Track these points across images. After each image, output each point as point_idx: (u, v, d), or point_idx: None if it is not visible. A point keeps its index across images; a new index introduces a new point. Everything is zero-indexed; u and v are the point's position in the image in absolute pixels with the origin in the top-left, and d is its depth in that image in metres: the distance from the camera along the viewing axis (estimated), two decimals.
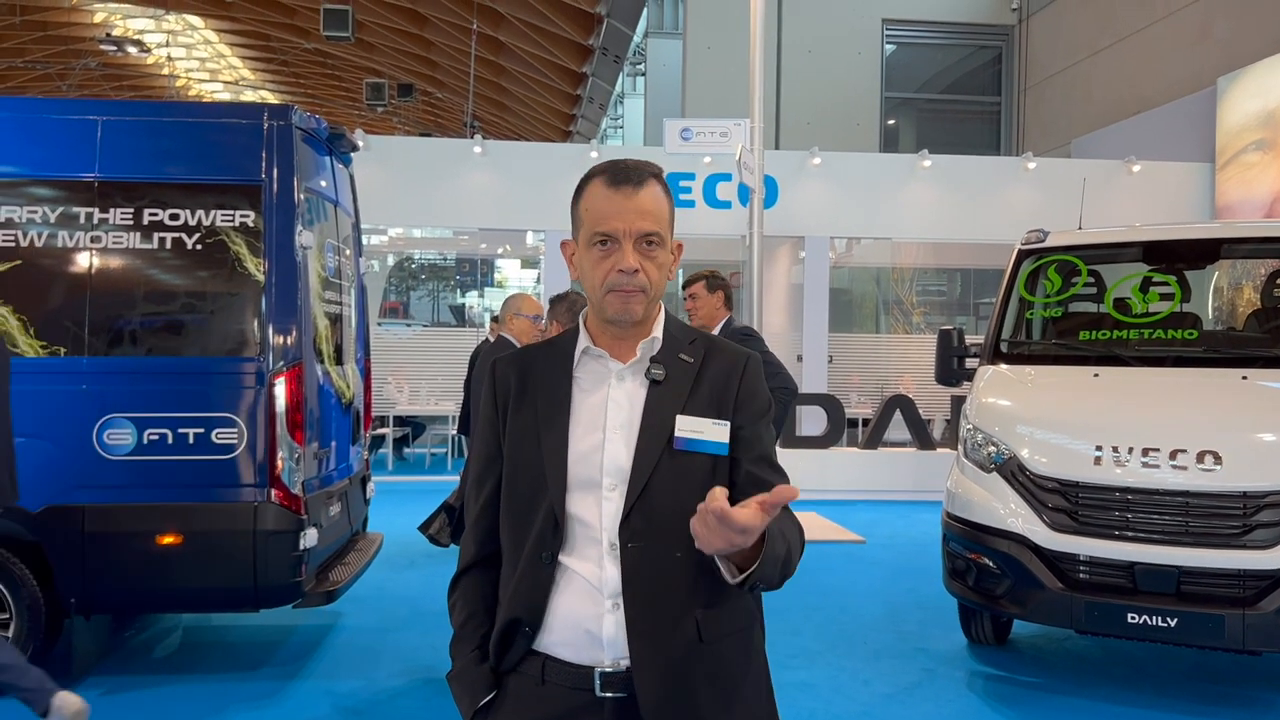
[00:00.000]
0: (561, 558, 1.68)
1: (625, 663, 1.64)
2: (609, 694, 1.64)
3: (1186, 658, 5.44)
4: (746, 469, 1.73)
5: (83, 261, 4.68)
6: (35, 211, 4.68)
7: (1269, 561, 4.32)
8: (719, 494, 1.47)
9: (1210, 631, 4.36)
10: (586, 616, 1.66)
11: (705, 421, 1.70)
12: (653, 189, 1.72)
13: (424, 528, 5.72)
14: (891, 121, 18.18)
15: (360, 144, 5.98)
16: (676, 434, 1.69)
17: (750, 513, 1.45)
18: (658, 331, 1.76)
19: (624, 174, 1.70)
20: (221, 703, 4.64)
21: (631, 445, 1.68)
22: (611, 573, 1.65)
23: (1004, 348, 5.78)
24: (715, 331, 5.11)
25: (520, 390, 1.77)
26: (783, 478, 1.74)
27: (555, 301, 5.03)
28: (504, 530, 1.76)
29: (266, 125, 4.80)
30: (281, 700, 4.70)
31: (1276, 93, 11.71)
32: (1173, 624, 4.40)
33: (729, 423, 1.72)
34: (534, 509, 1.69)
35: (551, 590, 1.68)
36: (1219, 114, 12.62)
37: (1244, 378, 4.88)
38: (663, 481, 1.66)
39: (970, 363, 5.95)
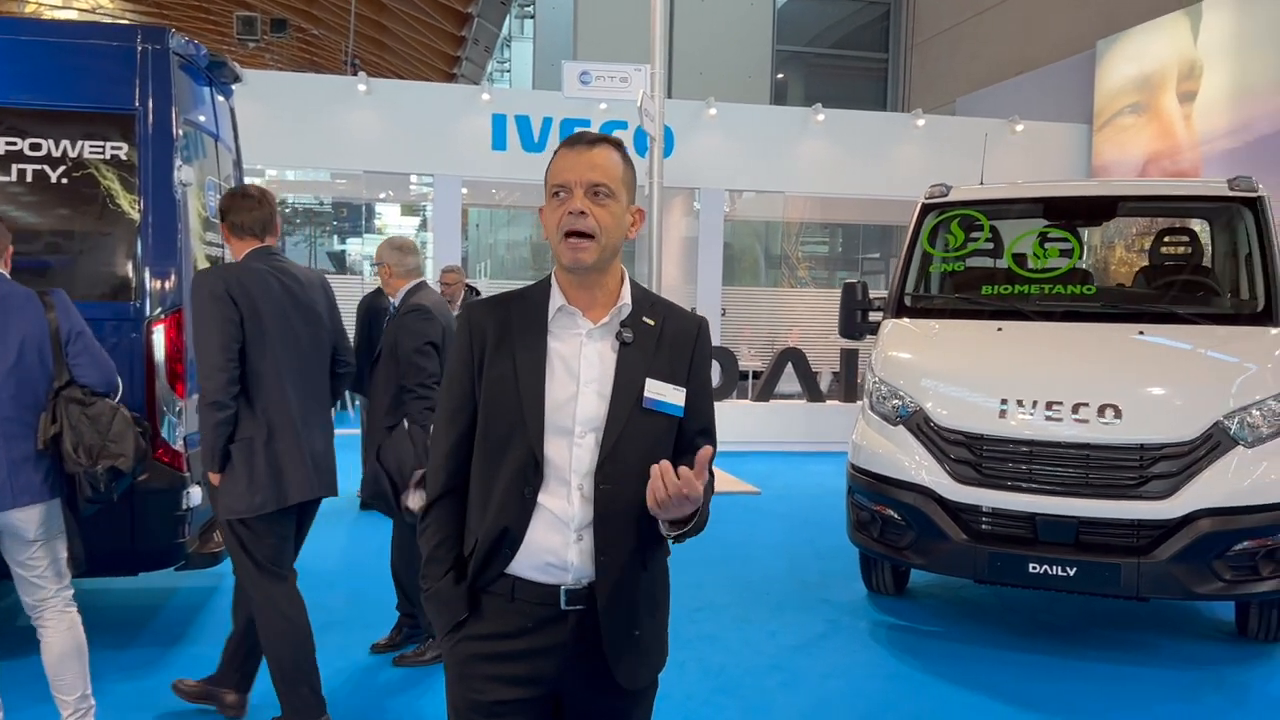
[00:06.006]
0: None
1: (587, 580, 1.91)
2: (572, 607, 1.91)
3: (1076, 604, 5.62)
4: (693, 436, 2.01)
5: None
6: None
7: (1163, 511, 4.47)
8: (682, 471, 1.77)
9: (1107, 579, 4.49)
10: (555, 545, 1.90)
11: (668, 387, 1.96)
12: (605, 149, 1.93)
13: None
14: (781, 75, 18.19)
15: (241, 75, 5.55)
16: (646, 395, 1.93)
17: (695, 480, 1.77)
18: (627, 298, 1.98)
19: (580, 138, 1.96)
20: (94, 673, 4.30)
21: (604, 399, 1.91)
22: (579, 508, 1.90)
23: (908, 301, 5.81)
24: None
25: (498, 340, 1.95)
26: (714, 441, 2.04)
27: None
28: (480, 467, 1.96)
29: (140, 49, 4.39)
30: (161, 669, 4.41)
31: (1152, 58, 12.11)
32: (1072, 573, 4.52)
33: (685, 389, 1.98)
34: (511, 449, 1.91)
35: (527, 522, 1.90)
36: (1097, 77, 13.01)
37: (1140, 333, 5.00)
38: (631, 434, 1.91)
39: (874, 316, 5.96)
